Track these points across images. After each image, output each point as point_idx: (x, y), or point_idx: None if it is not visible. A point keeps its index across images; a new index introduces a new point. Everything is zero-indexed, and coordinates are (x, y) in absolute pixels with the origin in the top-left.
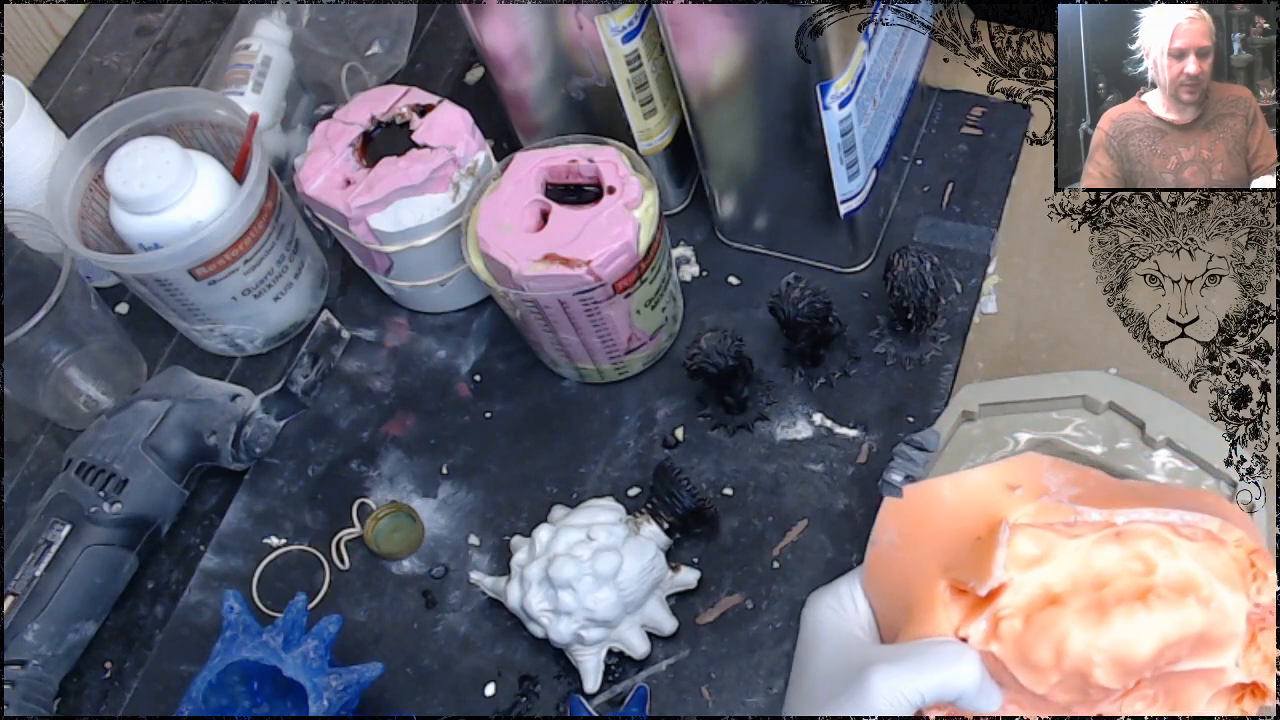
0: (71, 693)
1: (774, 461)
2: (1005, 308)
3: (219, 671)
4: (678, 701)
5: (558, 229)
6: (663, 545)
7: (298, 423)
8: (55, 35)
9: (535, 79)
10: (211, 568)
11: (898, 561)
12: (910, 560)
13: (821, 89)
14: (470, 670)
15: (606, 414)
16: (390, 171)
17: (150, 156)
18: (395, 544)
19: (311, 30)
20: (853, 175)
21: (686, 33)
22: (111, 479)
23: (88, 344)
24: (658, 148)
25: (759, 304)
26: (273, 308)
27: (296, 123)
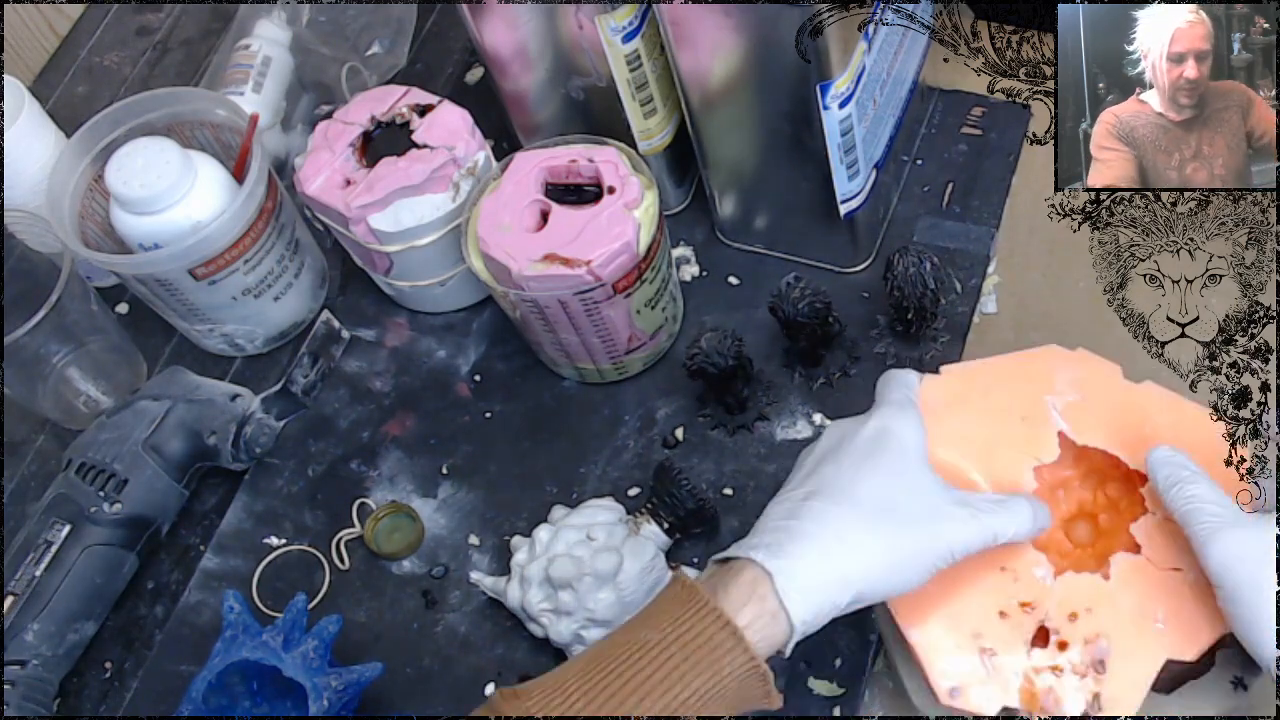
0: (71, 693)
1: (774, 461)
2: (1005, 308)
3: (219, 671)
4: None
5: (558, 229)
6: (663, 545)
7: (298, 423)
8: (55, 35)
9: (535, 79)
10: (211, 568)
11: (942, 430)
12: (955, 432)
13: (821, 89)
14: (470, 670)
15: (606, 414)
16: (390, 171)
17: (150, 156)
18: (395, 544)
19: (311, 30)
20: (853, 175)
21: (686, 33)
22: (111, 479)
23: (88, 344)
24: (658, 148)
25: (759, 304)
26: (273, 308)
27: (296, 123)
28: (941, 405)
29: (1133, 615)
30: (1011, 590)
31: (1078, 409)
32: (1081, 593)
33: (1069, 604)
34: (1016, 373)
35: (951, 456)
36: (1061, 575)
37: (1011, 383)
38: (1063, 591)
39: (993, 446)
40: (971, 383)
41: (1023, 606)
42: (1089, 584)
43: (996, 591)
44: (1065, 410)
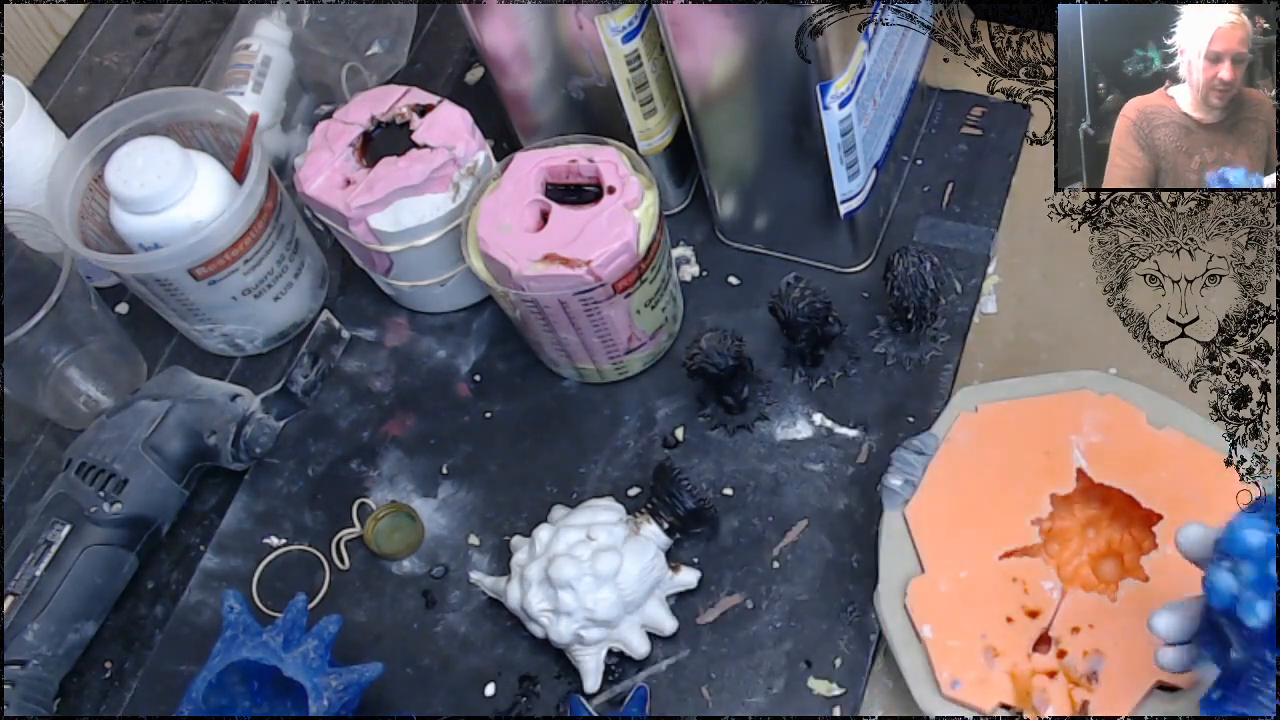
0: (71, 693)
1: (774, 461)
2: (1005, 308)
3: (219, 671)
4: (678, 701)
5: (558, 229)
6: (663, 545)
7: (298, 423)
8: (55, 35)
9: (535, 79)
10: (211, 568)
11: (971, 457)
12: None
13: (821, 89)
14: (470, 670)
15: (606, 414)
16: (390, 171)
17: (150, 156)
18: (395, 544)
19: (311, 30)
20: (853, 175)
21: (686, 33)
22: (111, 479)
23: (88, 344)
24: (658, 148)
25: (759, 304)
26: (273, 308)
27: (296, 123)
28: (974, 435)
29: (1132, 637)
30: (1021, 599)
31: (1099, 449)
32: (1087, 610)
33: (1074, 618)
34: (1048, 412)
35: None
36: (1070, 591)
37: (1041, 420)
38: (1070, 605)
39: (1015, 475)
40: (1005, 417)
41: (1029, 614)
42: (1095, 603)
43: (1007, 599)
44: (1088, 449)
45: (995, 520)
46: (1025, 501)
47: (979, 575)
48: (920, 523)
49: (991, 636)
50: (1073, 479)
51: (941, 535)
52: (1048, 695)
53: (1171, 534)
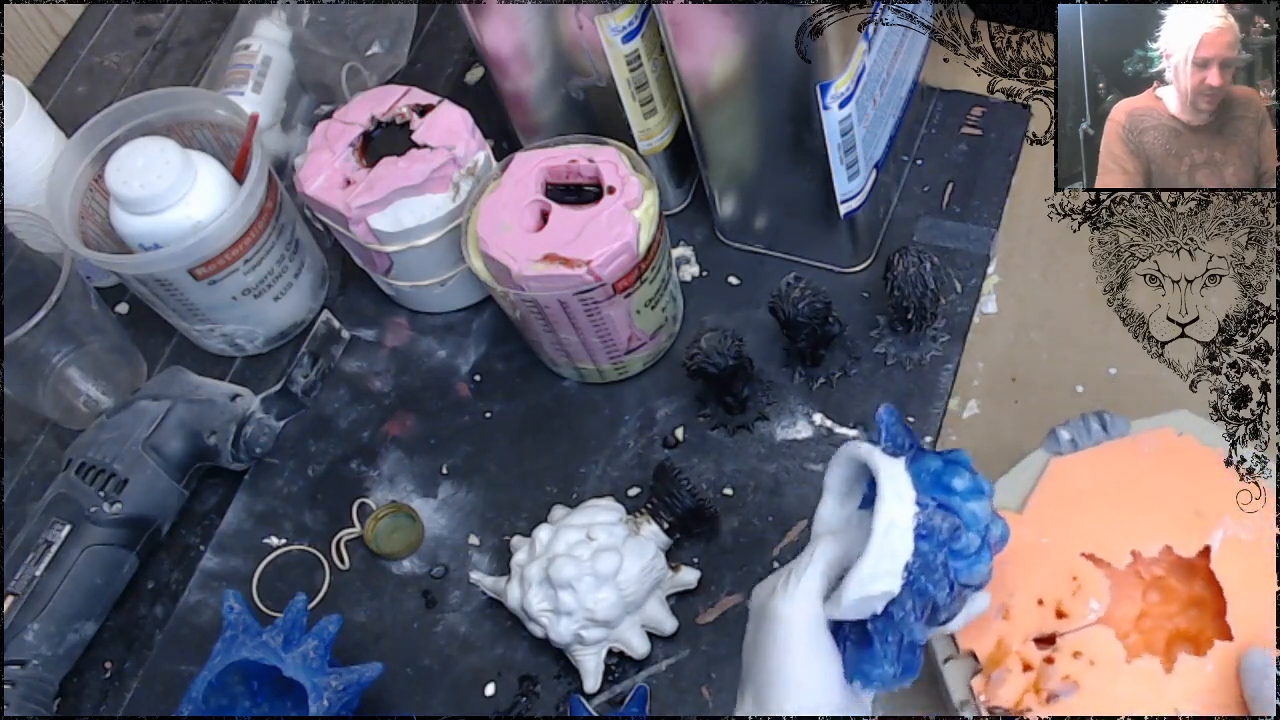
0: (71, 693)
1: (774, 461)
2: (1005, 308)
3: (219, 671)
4: (678, 701)
5: (558, 229)
6: (663, 545)
7: (298, 423)
8: (55, 35)
9: (535, 79)
10: (211, 568)
11: (1134, 462)
12: (1141, 468)
13: (821, 89)
14: (470, 670)
15: (606, 414)
16: (390, 171)
17: (150, 156)
18: (395, 544)
19: (311, 30)
20: (853, 175)
21: (686, 33)
22: (111, 479)
23: (88, 344)
24: (658, 148)
25: (759, 304)
26: (273, 308)
27: (296, 123)
28: (1154, 446)
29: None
30: (1062, 595)
31: (1236, 545)
32: (1101, 648)
33: (1085, 647)
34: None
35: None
36: (1103, 625)
37: (1220, 479)
38: (1090, 635)
39: (1157, 501)
40: (1194, 453)
41: (1058, 613)
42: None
43: (1053, 586)
44: (1228, 540)
45: (1108, 521)
46: (1143, 530)
47: (1052, 554)
48: (1052, 475)
49: (1014, 601)
50: (1197, 548)
51: (1052, 502)
52: (1007, 678)
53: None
